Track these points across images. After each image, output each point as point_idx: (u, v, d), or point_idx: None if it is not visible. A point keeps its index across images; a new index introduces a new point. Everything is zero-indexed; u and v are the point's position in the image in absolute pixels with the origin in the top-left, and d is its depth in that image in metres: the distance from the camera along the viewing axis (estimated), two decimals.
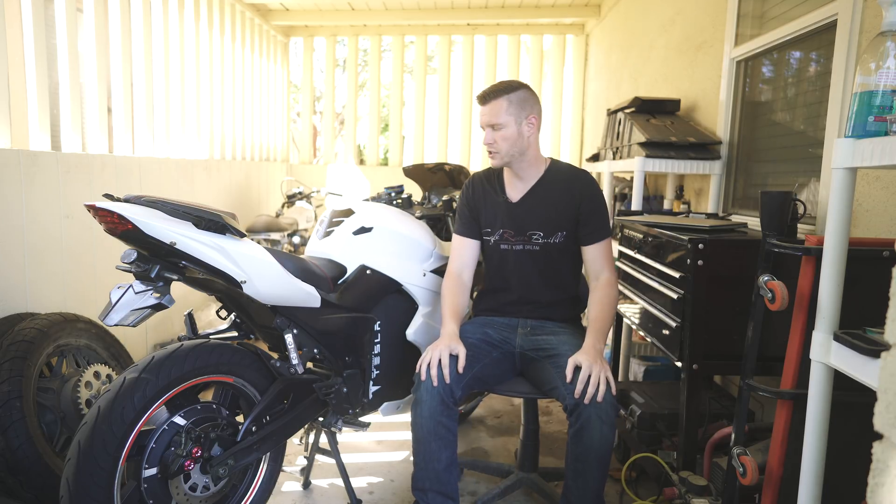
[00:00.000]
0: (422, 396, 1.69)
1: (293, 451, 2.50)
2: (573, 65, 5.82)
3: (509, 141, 1.83)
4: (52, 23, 2.89)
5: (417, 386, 1.71)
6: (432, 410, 1.67)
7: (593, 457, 1.62)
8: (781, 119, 2.40)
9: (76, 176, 2.73)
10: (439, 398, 1.67)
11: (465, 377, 1.74)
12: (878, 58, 1.07)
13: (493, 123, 1.82)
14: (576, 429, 1.63)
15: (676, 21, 3.31)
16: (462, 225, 2.02)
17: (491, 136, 1.84)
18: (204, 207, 1.59)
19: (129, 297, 1.51)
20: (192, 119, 4.28)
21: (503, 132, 1.83)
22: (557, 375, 1.72)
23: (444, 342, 1.75)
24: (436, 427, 1.67)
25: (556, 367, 1.75)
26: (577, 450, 1.64)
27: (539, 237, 1.91)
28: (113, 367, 2.35)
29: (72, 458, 1.44)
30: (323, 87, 6.47)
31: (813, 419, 1.26)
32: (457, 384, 1.71)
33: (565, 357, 1.74)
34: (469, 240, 2.00)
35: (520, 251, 1.94)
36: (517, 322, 1.96)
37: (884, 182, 1.70)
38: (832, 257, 1.20)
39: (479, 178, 2.04)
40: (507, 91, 1.82)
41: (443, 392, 1.68)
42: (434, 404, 1.67)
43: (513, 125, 1.82)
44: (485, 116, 1.84)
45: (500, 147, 1.84)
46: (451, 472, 1.71)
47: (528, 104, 1.85)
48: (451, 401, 1.69)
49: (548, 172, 1.94)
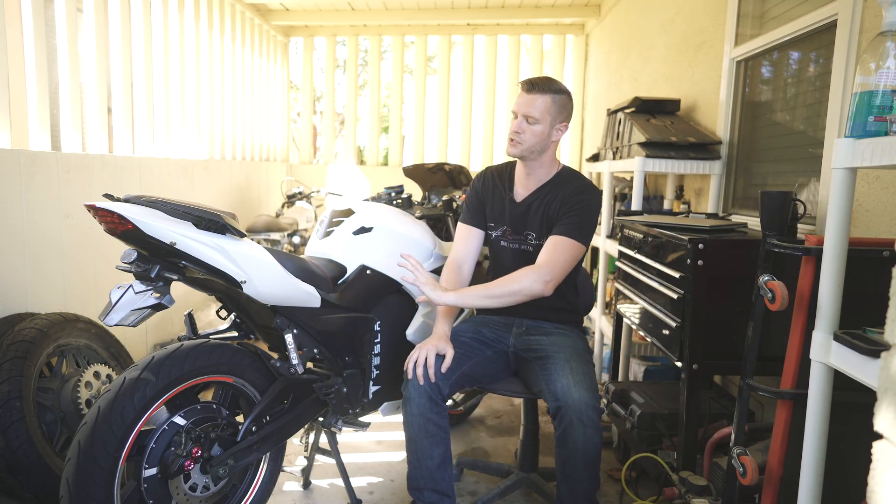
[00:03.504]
0: (410, 394, 1.71)
1: (293, 451, 2.50)
2: (573, 65, 5.82)
3: (537, 137, 1.81)
4: (52, 23, 2.89)
5: (406, 384, 1.73)
6: (421, 408, 1.69)
7: (579, 459, 1.61)
8: (781, 119, 2.40)
9: (76, 176, 2.73)
10: (427, 395, 1.69)
11: (454, 374, 1.75)
12: (878, 58, 1.07)
13: (530, 115, 1.79)
14: (559, 432, 1.63)
15: (676, 21, 3.30)
16: (468, 213, 2.00)
17: (522, 125, 1.81)
18: (204, 207, 1.59)
19: (129, 297, 1.51)
20: (192, 119, 4.28)
21: (535, 127, 1.80)
22: (543, 378, 1.72)
23: (432, 342, 1.76)
24: (426, 424, 1.68)
25: (542, 370, 1.75)
26: (563, 454, 1.64)
27: (533, 238, 1.92)
28: (113, 367, 2.35)
29: (72, 458, 1.44)
30: (323, 87, 6.47)
31: (813, 419, 1.26)
32: (444, 381, 1.72)
33: (552, 360, 1.74)
34: (474, 229, 1.99)
35: (516, 250, 1.94)
36: (513, 321, 1.96)
37: (884, 182, 1.69)
38: (832, 257, 1.20)
39: (493, 171, 2.03)
40: (554, 91, 1.80)
41: (430, 389, 1.69)
42: (422, 401, 1.69)
43: (547, 124, 1.81)
44: (524, 106, 1.80)
45: (525, 139, 1.81)
46: (444, 469, 1.72)
47: (566, 111, 1.85)
48: (440, 398, 1.70)
49: (556, 177, 1.92)
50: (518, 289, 1.73)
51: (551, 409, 1.65)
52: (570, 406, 1.60)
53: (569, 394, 1.62)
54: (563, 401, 1.62)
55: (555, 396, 1.64)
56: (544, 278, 1.73)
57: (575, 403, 1.60)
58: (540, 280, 1.72)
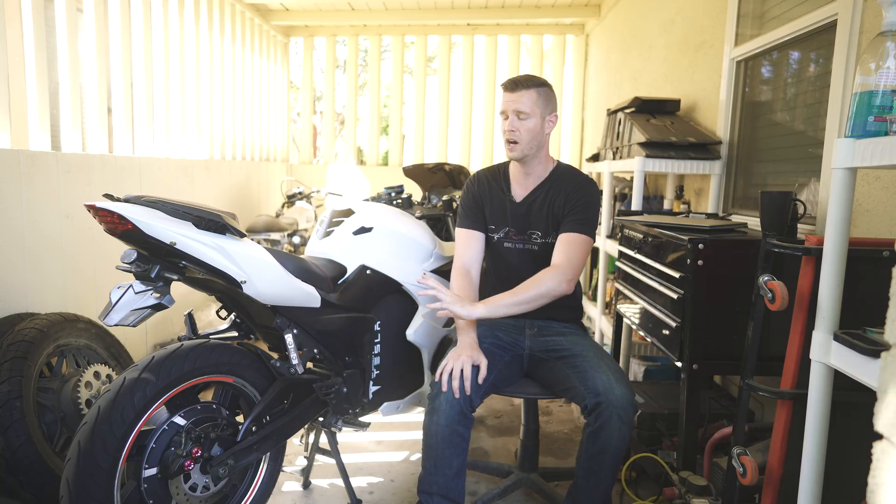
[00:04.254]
0: (440, 406, 1.66)
1: (293, 451, 2.50)
2: (573, 65, 5.82)
3: (532, 133, 1.82)
4: (52, 23, 2.89)
5: (437, 394, 1.68)
6: (450, 419, 1.65)
7: (609, 456, 1.63)
8: (781, 119, 2.40)
9: (76, 176, 2.73)
10: (459, 408, 1.65)
11: (484, 387, 1.73)
12: (878, 58, 1.07)
13: (520, 111, 1.80)
14: (594, 428, 1.62)
15: (676, 21, 3.31)
16: (467, 218, 1.98)
17: (515, 124, 1.81)
18: (204, 207, 1.59)
19: (129, 297, 1.51)
20: (192, 119, 4.28)
21: (528, 123, 1.81)
22: (576, 376, 1.71)
23: (465, 352, 1.71)
24: (451, 435, 1.66)
25: (572, 368, 1.74)
26: (592, 449, 1.64)
27: (538, 237, 1.91)
28: (113, 367, 2.35)
29: (72, 458, 1.44)
30: (323, 87, 6.47)
31: (813, 419, 1.26)
32: (476, 394, 1.69)
33: (582, 357, 1.75)
34: (476, 232, 1.96)
35: (521, 250, 1.94)
36: (524, 323, 1.95)
37: (884, 182, 1.70)
38: (832, 257, 1.20)
39: (485, 174, 2.02)
40: (537, 84, 1.83)
41: (462, 403, 1.66)
42: (453, 414, 1.65)
43: (538, 118, 1.82)
44: (512, 103, 1.81)
45: (521, 137, 1.82)
46: (460, 478, 1.70)
47: (552, 102, 1.86)
48: (470, 410, 1.68)
49: (553, 173, 1.93)
50: (544, 291, 1.75)
51: (590, 404, 1.63)
52: (612, 402, 1.60)
53: (611, 390, 1.61)
54: (604, 396, 1.61)
55: (596, 392, 1.63)
56: (567, 277, 1.77)
57: (618, 399, 1.60)
58: (563, 280, 1.76)
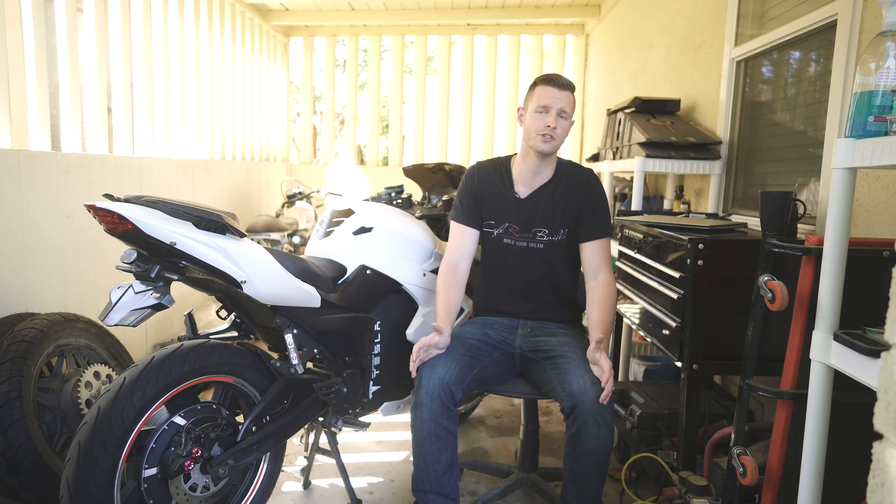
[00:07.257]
0: (422, 399, 1.69)
1: (293, 451, 2.50)
2: (573, 65, 5.82)
3: (565, 132, 1.88)
4: (52, 23, 2.89)
5: (417, 388, 1.71)
6: (433, 413, 1.67)
7: (591, 459, 1.62)
8: (781, 119, 2.40)
9: (76, 176, 2.73)
10: (440, 401, 1.67)
11: (466, 378, 1.74)
12: (878, 58, 1.07)
13: (563, 110, 1.85)
14: (573, 431, 1.63)
15: (676, 21, 3.31)
16: (463, 212, 1.97)
17: (556, 121, 1.84)
18: (204, 207, 1.59)
19: (129, 297, 1.51)
20: (192, 119, 4.28)
21: (565, 123, 1.87)
22: (556, 377, 1.72)
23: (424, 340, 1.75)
24: (436, 429, 1.67)
25: (554, 369, 1.74)
26: (574, 452, 1.64)
27: (544, 234, 1.91)
28: (113, 367, 2.35)
29: (72, 458, 1.44)
30: (323, 87, 6.48)
31: (813, 419, 1.26)
32: (457, 386, 1.70)
33: (565, 359, 1.74)
34: (470, 228, 1.96)
35: (523, 248, 1.93)
36: (517, 323, 1.95)
37: (884, 182, 1.70)
38: (832, 257, 1.20)
39: (486, 167, 2.01)
40: (573, 88, 1.90)
41: (443, 395, 1.67)
42: (434, 406, 1.67)
43: (570, 119, 1.88)
44: (559, 101, 1.84)
45: (559, 134, 1.85)
46: (451, 473, 1.71)
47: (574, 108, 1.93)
48: (452, 403, 1.69)
49: (557, 170, 1.94)
50: (615, 304, 1.90)
51: (566, 407, 1.64)
52: (586, 405, 1.60)
53: (585, 393, 1.61)
54: (578, 399, 1.61)
55: (571, 395, 1.63)
56: (612, 281, 1.89)
57: (591, 402, 1.60)
58: (614, 285, 1.89)
